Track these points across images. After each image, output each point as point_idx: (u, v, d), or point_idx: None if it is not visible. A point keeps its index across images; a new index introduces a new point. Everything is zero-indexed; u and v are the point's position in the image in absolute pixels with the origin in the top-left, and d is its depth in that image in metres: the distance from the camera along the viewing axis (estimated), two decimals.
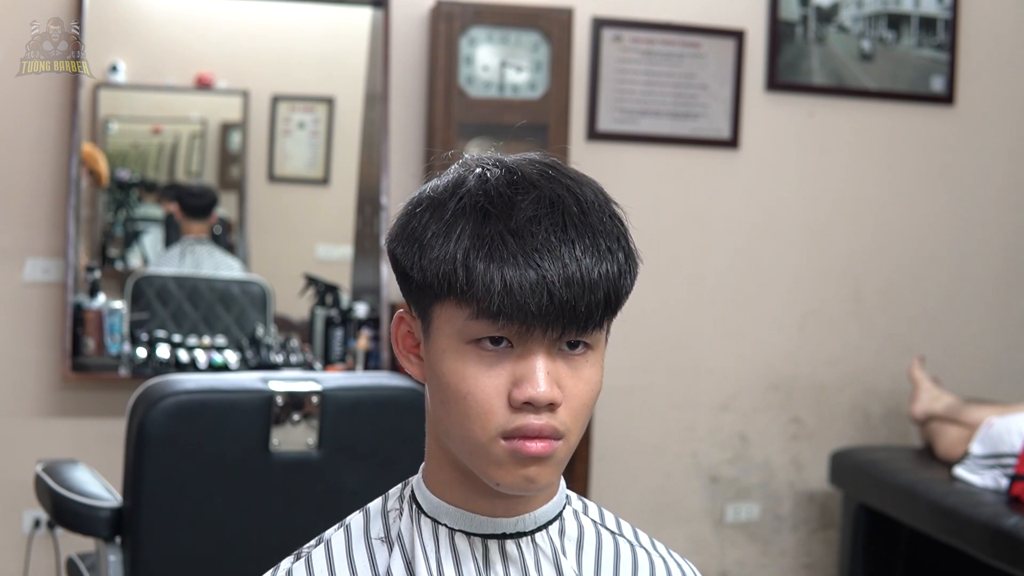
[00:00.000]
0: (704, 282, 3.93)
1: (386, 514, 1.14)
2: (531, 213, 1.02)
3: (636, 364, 3.80)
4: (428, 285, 1.03)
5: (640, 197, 3.65)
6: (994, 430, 3.31)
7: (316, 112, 3.94)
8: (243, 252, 3.87)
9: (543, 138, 3.56)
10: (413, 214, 1.07)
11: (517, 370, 1.02)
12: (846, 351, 4.06)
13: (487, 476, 1.05)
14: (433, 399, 1.08)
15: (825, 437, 4.03)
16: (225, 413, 2.17)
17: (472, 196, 1.04)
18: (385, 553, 1.11)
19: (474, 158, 1.10)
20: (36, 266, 3.43)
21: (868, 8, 3.96)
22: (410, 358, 1.11)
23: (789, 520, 4.06)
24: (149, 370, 3.34)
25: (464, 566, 1.09)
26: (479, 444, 1.03)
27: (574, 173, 1.08)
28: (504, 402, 1.02)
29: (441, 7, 3.54)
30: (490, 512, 1.09)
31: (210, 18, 3.80)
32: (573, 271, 1.01)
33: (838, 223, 4.03)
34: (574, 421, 1.04)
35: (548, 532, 1.12)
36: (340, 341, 3.58)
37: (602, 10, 3.75)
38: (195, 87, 3.80)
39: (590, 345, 1.05)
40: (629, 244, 1.06)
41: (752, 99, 3.91)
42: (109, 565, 2.18)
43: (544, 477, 1.05)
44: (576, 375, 1.04)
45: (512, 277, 1.00)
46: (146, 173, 3.83)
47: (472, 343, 1.03)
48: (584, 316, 1.02)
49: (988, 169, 4.16)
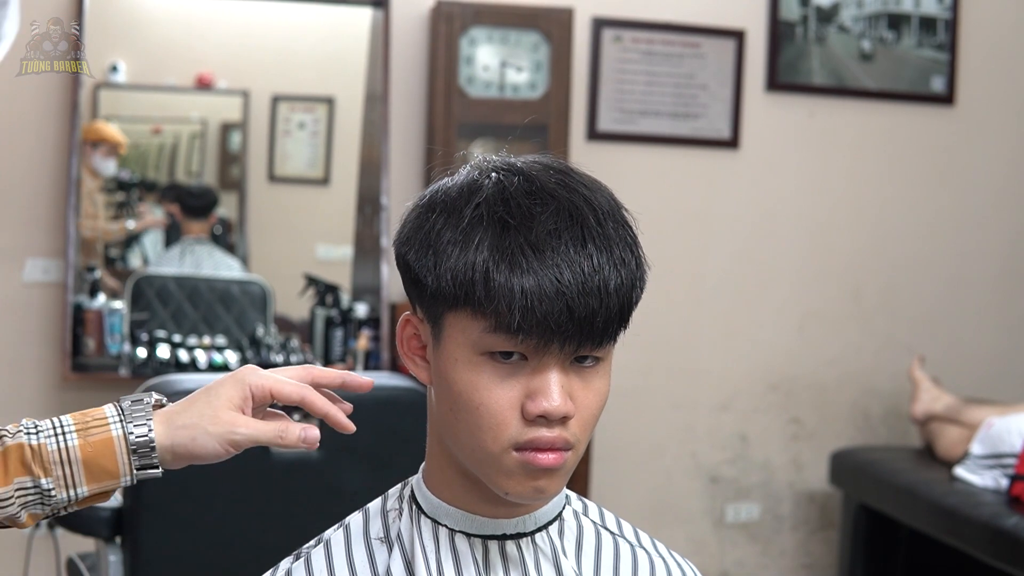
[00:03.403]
0: (704, 282, 3.93)
1: (386, 514, 1.14)
2: (551, 226, 1.01)
3: (636, 364, 3.80)
4: (443, 293, 1.02)
5: (640, 197, 3.62)
6: (994, 430, 3.31)
7: (316, 112, 3.94)
8: (243, 252, 3.87)
9: (543, 138, 3.56)
10: (426, 218, 1.05)
11: (531, 383, 1.02)
12: (846, 351, 4.06)
13: (496, 485, 1.05)
14: (441, 405, 1.07)
15: (825, 437, 4.03)
16: None
17: (489, 205, 1.02)
18: (384, 553, 1.11)
19: (485, 160, 1.09)
20: (36, 266, 3.43)
21: (868, 8, 3.96)
22: (416, 361, 1.10)
23: (789, 520, 4.06)
24: (149, 370, 3.34)
25: (464, 567, 1.09)
26: (490, 454, 1.03)
27: (587, 180, 1.07)
28: (517, 414, 1.02)
29: (441, 7, 3.54)
30: (491, 513, 1.09)
31: (210, 18, 3.79)
32: (592, 286, 1.00)
33: (838, 223, 4.03)
34: (583, 431, 1.04)
35: (548, 532, 1.12)
36: (340, 341, 3.58)
37: (602, 10, 3.75)
38: (195, 87, 3.80)
39: (601, 357, 1.05)
40: (640, 252, 1.06)
41: (752, 99, 3.91)
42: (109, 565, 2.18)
43: (553, 487, 1.05)
44: (587, 386, 1.04)
45: (532, 292, 0.99)
46: (146, 173, 3.83)
47: (486, 354, 1.02)
48: (601, 331, 1.01)
49: (988, 169, 4.15)
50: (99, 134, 3.66)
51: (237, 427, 1.09)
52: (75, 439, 1.09)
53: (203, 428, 1.09)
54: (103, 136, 3.67)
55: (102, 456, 1.09)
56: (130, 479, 1.09)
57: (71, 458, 1.08)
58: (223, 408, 1.10)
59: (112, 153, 3.69)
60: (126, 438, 1.09)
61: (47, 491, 1.08)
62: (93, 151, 3.65)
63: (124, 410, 1.10)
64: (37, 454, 1.08)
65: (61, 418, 1.11)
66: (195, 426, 1.09)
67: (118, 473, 1.09)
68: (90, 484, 1.09)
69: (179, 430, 1.09)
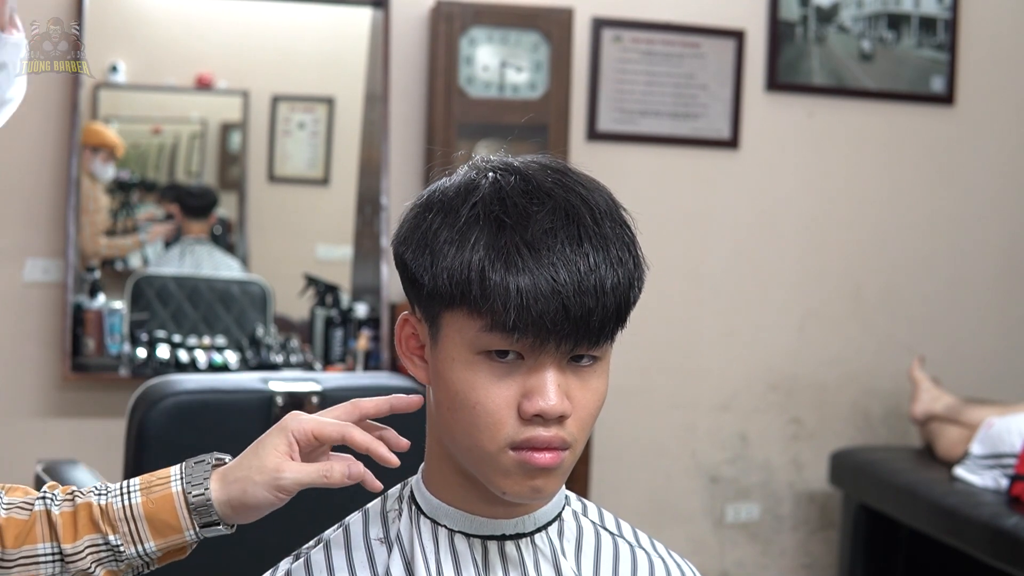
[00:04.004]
0: (704, 282, 3.93)
1: (385, 515, 1.14)
2: (547, 225, 1.01)
3: (636, 364, 3.80)
4: (439, 293, 1.02)
5: (640, 197, 3.64)
6: (994, 430, 3.31)
7: (316, 112, 3.94)
8: (243, 252, 3.87)
9: (543, 138, 3.56)
10: (423, 217, 1.05)
11: (528, 382, 1.02)
12: (846, 351, 4.06)
13: (494, 485, 1.05)
14: (439, 405, 1.07)
15: (825, 437, 4.03)
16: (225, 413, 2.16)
17: (486, 204, 1.02)
18: (384, 554, 1.11)
19: (483, 160, 1.09)
20: (36, 266, 3.43)
21: (868, 8, 3.96)
22: (414, 360, 1.10)
23: (789, 520, 4.06)
24: (149, 370, 3.34)
25: (463, 567, 1.09)
26: (487, 454, 1.03)
27: (585, 179, 1.07)
28: (514, 413, 1.02)
29: (441, 7, 3.54)
30: (490, 514, 1.09)
31: (210, 18, 3.79)
32: (588, 285, 1.00)
33: (838, 223, 4.03)
34: (581, 431, 1.04)
35: (547, 533, 1.12)
36: (340, 341, 3.58)
37: (602, 10, 3.75)
38: (195, 87, 3.80)
39: (598, 356, 1.04)
40: (638, 252, 1.05)
41: (752, 99, 3.91)
42: None
43: (551, 487, 1.05)
44: (584, 386, 1.04)
45: (528, 292, 0.99)
46: (146, 173, 3.83)
47: (483, 353, 1.02)
48: (597, 330, 1.01)
49: (988, 169, 4.15)
50: (98, 139, 3.65)
51: (281, 472, 1.13)
52: (139, 497, 1.17)
53: (251, 479, 1.14)
54: (102, 142, 3.66)
55: (163, 511, 1.16)
56: (194, 533, 1.16)
57: (135, 515, 1.16)
58: (269, 457, 1.15)
59: (111, 158, 3.69)
60: (185, 494, 1.16)
61: (116, 547, 1.16)
62: (93, 156, 3.65)
63: (184, 470, 1.18)
64: (105, 512, 1.16)
65: (129, 481, 1.19)
66: (245, 479, 1.14)
67: (180, 528, 1.16)
68: (156, 539, 1.17)
69: (231, 484, 1.15)
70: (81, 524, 1.16)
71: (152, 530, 1.17)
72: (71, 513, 1.17)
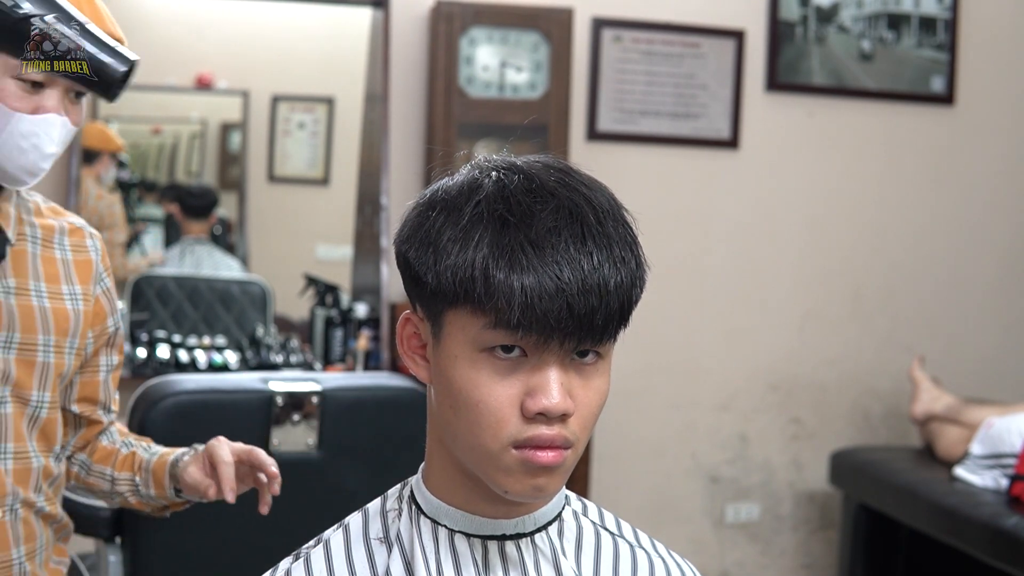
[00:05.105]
0: (704, 282, 3.93)
1: (385, 514, 1.14)
2: (551, 224, 1.01)
3: (636, 364, 3.80)
4: (443, 291, 1.02)
5: (640, 197, 3.63)
6: (994, 430, 3.31)
7: (316, 112, 3.95)
8: (243, 252, 3.87)
9: (543, 138, 3.56)
10: (426, 216, 1.05)
11: (531, 380, 1.02)
12: (846, 351, 4.06)
13: (496, 484, 1.05)
14: (441, 404, 1.07)
15: (825, 437, 4.03)
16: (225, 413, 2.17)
17: (489, 202, 1.03)
18: (384, 554, 1.11)
19: (486, 160, 1.09)
20: None
21: (868, 8, 3.96)
22: (416, 359, 1.10)
23: (789, 520, 4.06)
24: (149, 370, 3.35)
25: (464, 567, 1.09)
26: (489, 452, 1.03)
27: (587, 179, 1.07)
28: (516, 411, 1.02)
29: (441, 7, 3.54)
30: (490, 514, 1.09)
31: (210, 18, 3.80)
32: (591, 283, 1.00)
33: (838, 223, 4.03)
34: (583, 430, 1.04)
35: (547, 533, 1.12)
36: (340, 341, 3.58)
37: (602, 10, 3.75)
38: (195, 87, 3.80)
39: (601, 354, 1.05)
40: (640, 251, 1.06)
41: (752, 99, 3.91)
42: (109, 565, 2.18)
43: (553, 486, 1.05)
44: (587, 384, 1.04)
45: (532, 289, 0.99)
46: (146, 173, 3.83)
47: (486, 351, 1.02)
48: (601, 327, 1.01)
49: (988, 169, 4.16)
50: (99, 144, 3.65)
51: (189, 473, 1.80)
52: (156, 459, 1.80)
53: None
54: (103, 147, 3.66)
55: (159, 472, 1.78)
56: (173, 493, 1.77)
57: (147, 469, 1.80)
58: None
59: (113, 161, 3.69)
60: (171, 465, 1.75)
61: (137, 485, 1.80)
62: (95, 162, 3.64)
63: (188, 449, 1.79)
64: (140, 462, 1.81)
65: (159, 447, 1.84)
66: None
67: (164, 487, 1.77)
68: (156, 490, 1.79)
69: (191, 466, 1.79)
70: (127, 464, 1.81)
71: (154, 483, 1.78)
72: (128, 455, 1.81)
